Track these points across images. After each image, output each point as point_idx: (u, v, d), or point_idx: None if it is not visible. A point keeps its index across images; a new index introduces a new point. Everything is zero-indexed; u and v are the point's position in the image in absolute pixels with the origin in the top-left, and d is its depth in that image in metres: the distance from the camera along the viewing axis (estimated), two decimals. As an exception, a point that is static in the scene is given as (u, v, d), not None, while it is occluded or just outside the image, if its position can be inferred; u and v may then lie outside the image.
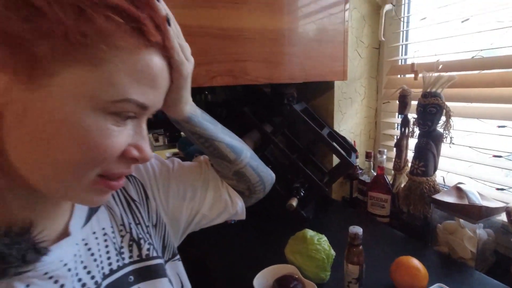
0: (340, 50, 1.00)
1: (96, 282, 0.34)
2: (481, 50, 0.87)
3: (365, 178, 1.10)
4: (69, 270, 0.32)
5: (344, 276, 0.64)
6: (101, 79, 0.26)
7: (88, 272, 0.34)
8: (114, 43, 0.26)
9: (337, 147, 0.92)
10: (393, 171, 1.04)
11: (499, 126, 0.84)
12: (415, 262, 0.66)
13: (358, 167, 1.15)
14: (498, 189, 0.86)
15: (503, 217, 0.77)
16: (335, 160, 1.13)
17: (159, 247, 0.45)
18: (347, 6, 0.99)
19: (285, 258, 0.72)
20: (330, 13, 0.96)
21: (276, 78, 0.90)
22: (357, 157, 1.12)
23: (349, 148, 1.03)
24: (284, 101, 1.10)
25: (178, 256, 0.49)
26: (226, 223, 0.98)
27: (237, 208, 0.54)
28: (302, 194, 0.98)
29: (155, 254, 0.42)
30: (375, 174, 1.05)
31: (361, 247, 0.62)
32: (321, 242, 0.69)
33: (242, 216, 0.56)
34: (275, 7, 0.86)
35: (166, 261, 0.46)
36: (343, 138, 1.07)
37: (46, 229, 0.32)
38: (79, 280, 0.33)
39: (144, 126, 0.32)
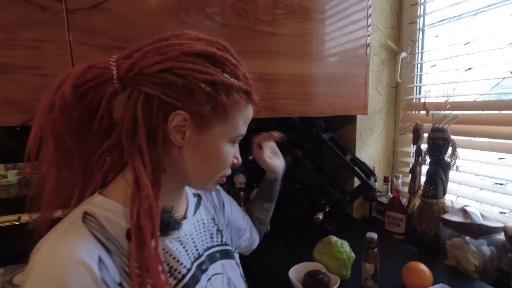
0: (362, 89, 1.19)
1: (198, 253, 0.53)
2: (481, 94, 1.04)
3: (383, 199, 1.25)
4: (187, 239, 0.51)
5: (362, 274, 0.80)
6: (232, 127, 0.47)
7: (195, 245, 0.53)
8: (239, 108, 0.47)
9: (358, 170, 1.09)
10: (408, 194, 1.19)
11: (499, 158, 0.99)
12: (423, 266, 0.81)
13: (377, 190, 1.30)
14: (501, 212, 0.99)
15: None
16: (356, 182, 1.30)
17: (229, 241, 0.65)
18: (368, 51, 1.19)
19: (313, 259, 0.88)
20: (354, 57, 1.16)
21: (308, 112, 1.10)
22: (375, 181, 1.27)
23: (369, 173, 1.20)
24: (313, 131, 1.29)
25: None
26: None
27: (255, 244, 0.82)
28: (327, 210, 1.15)
29: (229, 243, 0.62)
30: (392, 196, 1.20)
31: (376, 249, 0.78)
32: (343, 245, 0.86)
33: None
34: (306, 56, 1.07)
35: None
36: (364, 163, 1.24)
37: (179, 213, 0.52)
38: (191, 247, 0.52)
39: (237, 144, 0.52)
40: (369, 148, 1.35)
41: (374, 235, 0.78)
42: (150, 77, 0.41)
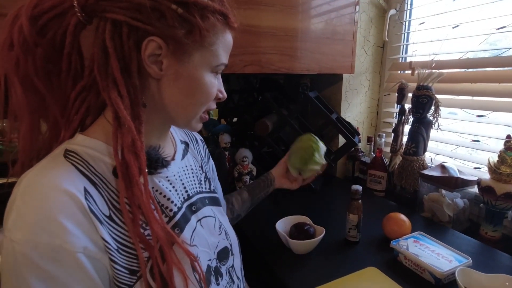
0: (349, 47, 1.17)
1: (188, 195, 0.52)
2: (467, 52, 1.04)
3: (366, 159, 1.28)
4: (176, 179, 0.50)
5: (346, 224, 0.82)
6: (212, 54, 0.44)
7: (184, 187, 0.52)
8: (217, 32, 0.43)
9: (343, 128, 1.09)
10: (390, 153, 1.22)
11: (478, 116, 1.01)
12: (402, 216, 0.84)
13: (360, 150, 1.33)
14: (475, 168, 1.04)
15: (476, 190, 0.95)
16: (341, 142, 1.31)
17: (216, 189, 0.64)
18: (357, 8, 1.15)
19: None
20: (342, 14, 1.13)
21: (295, 69, 1.07)
22: (359, 140, 1.30)
23: (353, 131, 1.21)
24: (300, 90, 1.27)
25: None
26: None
27: None
28: (312, 168, 1.16)
29: (217, 191, 0.62)
30: (374, 155, 1.23)
31: (360, 201, 0.80)
32: (307, 138, 0.80)
33: None
34: (293, 9, 1.02)
35: None
36: (349, 123, 1.25)
37: (166, 152, 0.50)
38: (180, 188, 0.51)
39: (220, 76, 0.49)
40: (354, 109, 1.35)
41: (358, 187, 0.80)
42: (114, 1, 0.37)
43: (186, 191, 0.52)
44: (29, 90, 0.39)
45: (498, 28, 0.93)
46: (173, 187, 0.49)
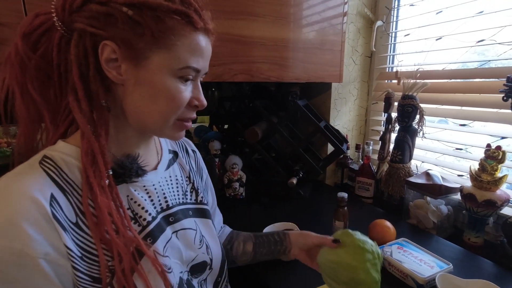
0: (337, 57, 1.20)
1: (167, 205, 0.52)
2: (450, 63, 1.08)
3: (354, 166, 1.30)
4: (155, 189, 0.51)
5: (332, 231, 0.84)
6: (173, 56, 0.42)
7: (165, 197, 0.52)
8: (177, 33, 0.41)
9: (331, 136, 1.11)
10: (377, 160, 1.24)
11: (461, 125, 1.05)
12: (387, 223, 0.86)
13: (349, 157, 1.35)
14: (459, 175, 1.07)
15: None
16: (330, 149, 1.33)
17: (206, 201, 0.64)
18: (345, 19, 1.18)
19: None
20: (330, 24, 1.16)
21: (284, 77, 1.09)
22: (348, 148, 1.32)
23: (341, 139, 1.23)
24: (289, 98, 1.29)
25: None
26: (237, 197, 1.18)
27: None
28: (301, 175, 1.18)
29: (205, 202, 0.62)
30: (362, 162, 1.25)
31: (346, 208, 0.82)
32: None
33: None
34: (283, 20, 1.04)
35: None
36: (337, 131, 1.27)
37: (146, 161, 0.51)
38: (158, 198, 0.51)
39: (199, 84, 0.47)
40: (343, 117, 1.38)
41: (344, 194, 0.81)
42: (81, 12, 0.40)
43: (166, 201, 0.52)
44: (27, 100, 0.43)
45: (478, 41, 0.97)
46: (149, 196, 0.49)
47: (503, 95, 0.77)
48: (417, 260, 0.73)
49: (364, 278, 0.50)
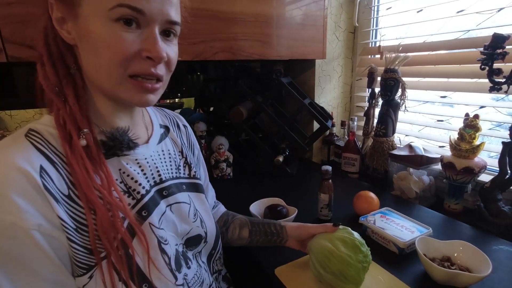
0: (320, 33, 1.19)
1: (161, 179, 0.52)
2: (431, 35, 1.08)
3: (340, 143, 1.32)
4: (147, 162, 0.50)
5: (318, 203, 0.85)
6: None
7: (157, 171, 0.52)
8: None
9: (316, 113, 1.12)
10: (362, 136, 1.26)
11: (441, 96, 1.06)
12: (371, 194, 0.88)
13: (334, 134, 1.36)
14: (440, 146, 1.09)
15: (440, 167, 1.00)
16: (315, 127, 1.34)
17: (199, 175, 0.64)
18: (327, -7, 1.17)
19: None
20: (313, 0, 1.14)
21: (267, 55, 1.07)
22: (333, 125, 1.33)
23: (327, 116, 1.24)
24: (273, 76, 1.28)
25: None
26: (224, 178, 1.18)
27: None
28: (287, 153, 1.19)
29: (198, 176, 0.62)
30: (348, 139, 1.26)
31: (330, 181, 0.83)
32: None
33: None
34: (265, -6, 1.03)
35: None
36: (322, 108, 1.27)
37: (136, 135, 0.50)
38: (151, 172, 0.51)
39: (154, 32, 0.41)
40: (328, 94, 1.38)
41: (328, 167, 0.82)
42: None
43: (159, 175, 0.52)
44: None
45: (458, 12, 0.97)
46: (142, 170, 0.49)
47: (481, 63, 0.78)
48: (398, 226, 0.75)
49: (353, 275, 0.53)
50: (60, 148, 0.41)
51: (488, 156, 0.99)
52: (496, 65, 0.78)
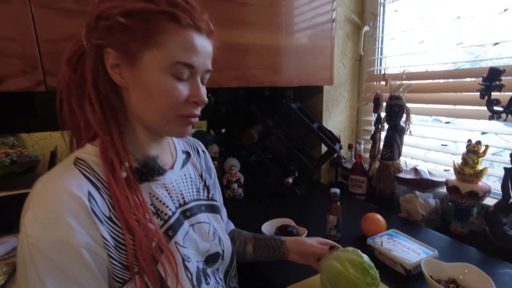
0: (328, 61, 1.26)
1: (184, 201, 0.57)
2: (432, 64, 1.14)
3: (348, 165, 1.36)
4: (173, 186, 0.56)
5: (327, 225, 0.89)
6: (162, 53, 0.45)
7: (181, 194, 0.57)
8: (165, 31, 0.44)
9: (324, 137, 1.17)
10: (369, 159, 1.30)
11: (445, 122, 1.11)
12: (378, 216, 0.92)
13: (342, 157, 1.41)
14: (445, 170, 1.13)
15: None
16: (323, 149, 1.39)
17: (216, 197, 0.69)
18: (334, 25, 1.25)
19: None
20: (320, 30, 1.22)
21: (278, 82, 1.15)
22: (341, 148, 1.38)
23: (334, 139, 1.29)
24: (283, 101, 1.35)
25: None
26: (235, 198, 1.23)
27: None
28: (296, 175, 1.23)
29: (215, 198, 0.67)
30: (355, 161, 1.31)
31: (338, 203, 0.87)
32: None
33: None
34: (275, 27, 1.10)
35: None
36: (330, 131, 1.32)
37: (164, 162, 0.56)
38: (176, 195, 0.56)
39: (198, 81, 0.49)
40: (335, 118, 1.44)
41: (336, 190, 0.87)
42: (95, 30, 0.45)
43: (183, 198, 0.57)
44: (71, 112, 0.49)
45: (458, 44, 1.04)
46: (169, 193, 0.55)
47: (480, 93, 0.83)
48: (405, 248, 0.78)
49: None
50: (102, 174, 0.46)
51: (493, 180, 1.02)
52: (494, 95, 0.83)
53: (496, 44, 0.94)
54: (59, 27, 0.77)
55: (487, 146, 0.89)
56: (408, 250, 0.77)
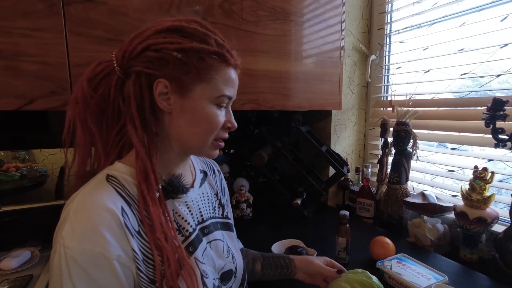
0: (336, 87, 1.31)
1: (203, 219, 0.60)
2: (438, 93, 1.19)
3: (355, 188, 1.38)
4: (193, 204, 0.59)
5: (336, 247, 0.90)
6: (212, 87, 0.51)
7: (200, 211, 0.60)
8: (215, 69, 0.51)
9: (332, 160, 1.20)
10: (376, 182, 1.32)
11: (452, 148, 1.14)
12: (387, 239, 0.92)
13: (349, 180, 1.43)
14: (453, 195, 1.14)
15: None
16: (331, 172, 1.41)
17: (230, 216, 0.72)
18: (342, 53, 1.31)
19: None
20: (329, 58, 1.28)
21: (288, 106, 1.19)
22: (348, 171, 1.40)
23: (342, 162, 1.32)
24: (292, 124, 1.39)
25: None
26: (244, 218, 1.24)
27: None
28: (304, 196, 1.25)
29: (230, 217, 0.70)
30: (362, 184, 1.32)
31: (348, 225, 0.89)
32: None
33: None
34: (286, 55, 1.17)
35: None
36: (338, 154, 1.36)
37: (187, 180, 0.59)
38: (196, 212, 0.59)
39: (230, 109, 0.57)
40: (343, 142, 1.48)
41: (346, 212, 0.88)
42: (137, 58, 0.49)
43: (201, 215, 0.60)
44: (86, 131, 0.52)
45: (461, 74, 1.09)
46: (190, 211, 0.58)
47: (485, 122, 0.87)
48: (415, 273, 0.78)
49: None
50: (132, 192, 0.49)
51: (501, 207, 1.03)
52: (499, 124, 0.86)
53: (498, 76, 0.98)
54: (87, 53, 0.84)
55: (493, 173, 0.91)
56: (417, 275, 0.77)
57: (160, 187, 0.50)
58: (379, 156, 1.32)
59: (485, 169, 0.93)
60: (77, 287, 0.41)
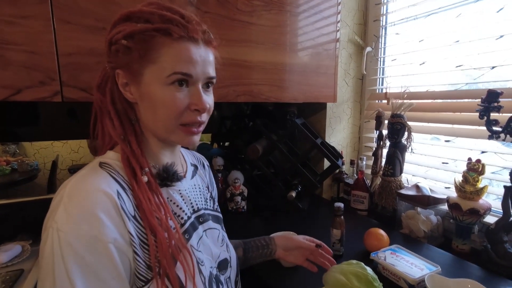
0: (331, 79, 1.30)
1: (193, 209, 0.59)
2: (433, 85, 1.19)
3: (349, 181, 1.38)
4: (187, 194, 0.58)
5: (330, 239, 0.90)
6: (159, 67, 0.48)
7: (194, 202, 0.60)
8: (159, 46, 0.47)
9: (327, 152, 1.20)
10: (371, 175, 1.32)
11: (446, 141, 1.14)
12: (381, 231, 0.93)
13: (344, 172, 1.43)
14: (446, 187, 1.15)
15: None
16: (326, 165, 1.41)
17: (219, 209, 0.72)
18: (337, 45, 1.30)
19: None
20: (324, 50, 1.27)
21: (283, 98, 1.18)
22: (343, 163, 1.40)
23: (337, 155, 1.31)
24: (287, 117, 1.38)
25: None
26: (238, 211, 1.24)
27: None
28: (299, 189, 1.25)
29: (219, 210, 0.70)
30: (357, 177, 1.33)
31: (342, 217, 0.89)
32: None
33: None
34: (281, 46, 1.15)
35: None
36: (333, 147, 1.35)
37: (179, 170, 0.58)
38: (190, 201, 0.58)
39: (199, 89, 0.51)
40: (338, 134, 1.47)
41: (340, 204, 0.88)
42: (108, 54, 0.51)
43: (196, 205, 0.60)
44: (102, 128, 0.55)
45: (457, 66, 1.08)
46: (183, 199, 0.57)
47: (479, 114, 0.87)
48: (408, 263, 0.79)
49: None
50: (125, 176, 0.49)
51: (493, 198, 1.04)
52: (493, 115, 0.86)
53: (493, 67, 0.98)
54: (77, 42, 0.81)
55: (483, 165, 0.92)
56: (411, 266, 0.78)
57: (147, 170, 0.50)
58: (374, 148, 1.32)
59: (478, 161, 0.93)
60: (71, 271, 0.39)
